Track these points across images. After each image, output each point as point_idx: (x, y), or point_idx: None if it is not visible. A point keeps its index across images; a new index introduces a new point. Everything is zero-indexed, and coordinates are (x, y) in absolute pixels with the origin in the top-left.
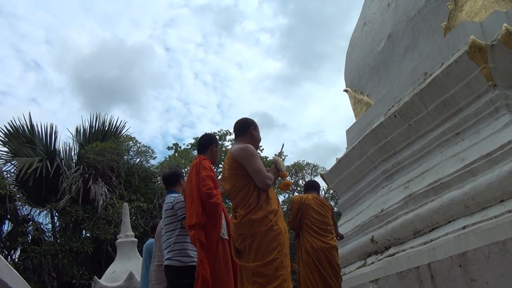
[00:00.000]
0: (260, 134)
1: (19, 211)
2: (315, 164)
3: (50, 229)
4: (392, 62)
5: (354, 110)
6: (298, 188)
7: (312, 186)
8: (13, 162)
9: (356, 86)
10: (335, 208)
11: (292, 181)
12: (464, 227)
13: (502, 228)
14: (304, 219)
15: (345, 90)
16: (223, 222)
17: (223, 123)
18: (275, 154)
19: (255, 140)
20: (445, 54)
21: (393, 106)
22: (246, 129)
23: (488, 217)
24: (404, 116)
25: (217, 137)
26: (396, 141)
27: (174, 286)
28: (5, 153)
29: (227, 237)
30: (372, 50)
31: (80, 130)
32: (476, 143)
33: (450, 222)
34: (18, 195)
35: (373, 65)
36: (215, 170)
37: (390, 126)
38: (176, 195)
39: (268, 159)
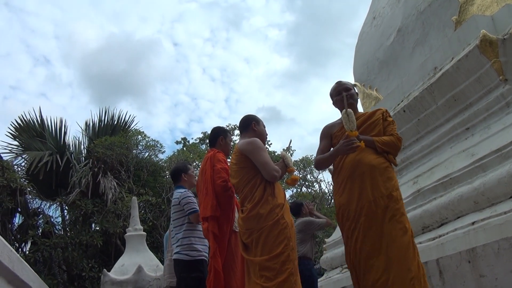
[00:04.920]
0: (266, 129)
1: (29, 204)
2: None
3: (60, 222)
4: (402, 57)
5: (362, 105)
6: (306, 183)
7: None
8: (23, 156)
9: (365, 80)
10: None
11: (300, 176)
12: (473, 223)
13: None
14: None
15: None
16: (236, 214)
17: (231, 118)
18: (283, 149)
19: (259, 135)
20: (456, 48)
21: (402, 101)
22: (248, 125)
23: (497, 212)
24: (413, 111)
25: None
26: (405, 136)
27: (182, 280)
28: (16, 147)
29: (238, 230)
30: (382, 45)
31: (89, 124)
32: (486, 138)
33: (459, 217)
34: (29, 189)
35: (382, 59)
36: None
37: (399, 121)
38: (183, 190)
39: (276, 153)
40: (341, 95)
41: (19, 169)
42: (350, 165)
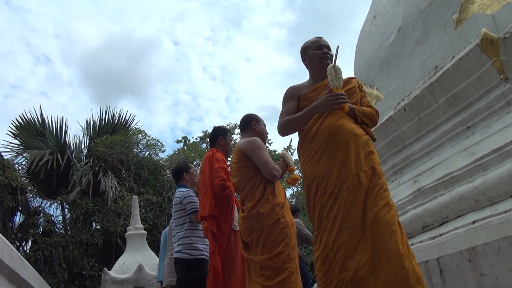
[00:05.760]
0: (267, 128)
1: (30, 203)
2: None
3: (60, 221)
4: (402, 55)
5: None
6: None
7: None
8: (24, 155)
9: (365, 79)
10: None
11: (300, 175)
12: (474, 222)
13: None
14: None
15: None
16: (236, 214)
17: (231, 117)
18: (283, 148)
19: (260, 134)
20: (456, 47)
21: (402, 100)
22: (248, 125)
23: (498, 211)
24: (414, 110)
25: None
26: (405, 135)
27: (183, 278)
28: (17, 146)
29: (239, 229)
30: (382, 43)
31: (90, 123)
32: (487, 137)
33: (459, 216)
34: (29, 187)
35: (383, 58)
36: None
37: (400, 120)
38: (185, 189)
39: (276, 152)
40: (322, 50)
41: (20, 167)
42: (329, 130)
